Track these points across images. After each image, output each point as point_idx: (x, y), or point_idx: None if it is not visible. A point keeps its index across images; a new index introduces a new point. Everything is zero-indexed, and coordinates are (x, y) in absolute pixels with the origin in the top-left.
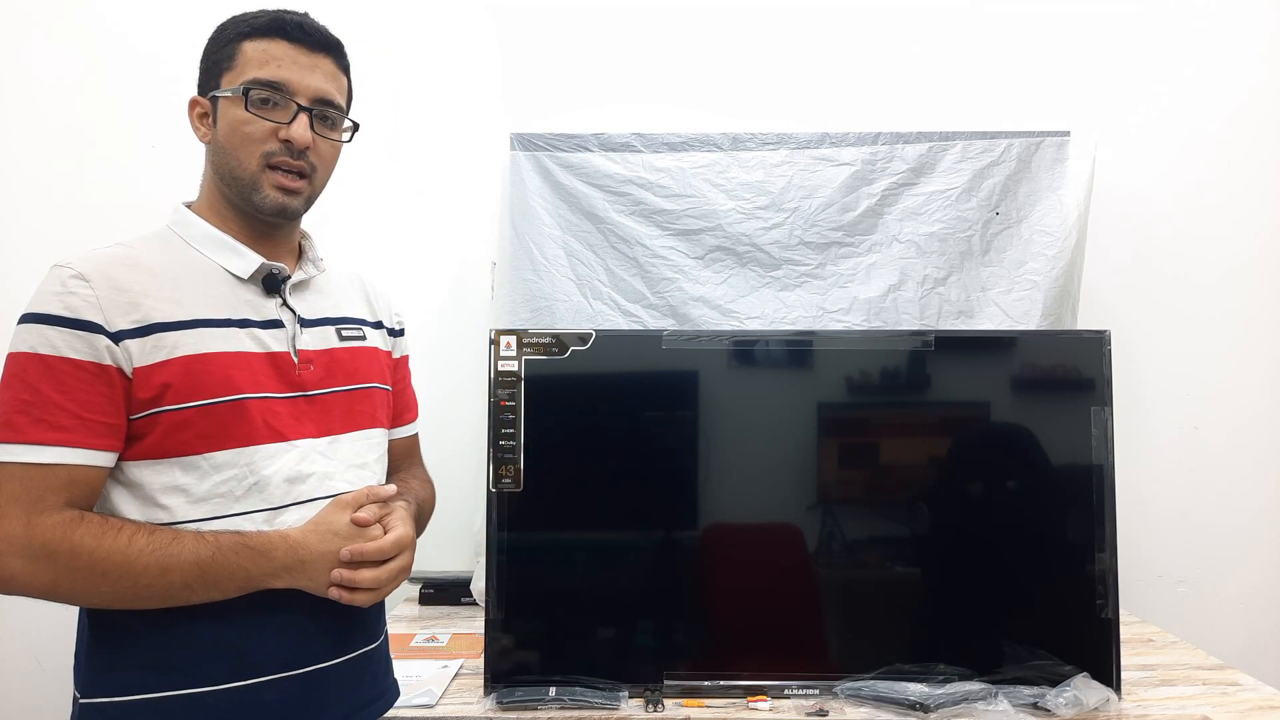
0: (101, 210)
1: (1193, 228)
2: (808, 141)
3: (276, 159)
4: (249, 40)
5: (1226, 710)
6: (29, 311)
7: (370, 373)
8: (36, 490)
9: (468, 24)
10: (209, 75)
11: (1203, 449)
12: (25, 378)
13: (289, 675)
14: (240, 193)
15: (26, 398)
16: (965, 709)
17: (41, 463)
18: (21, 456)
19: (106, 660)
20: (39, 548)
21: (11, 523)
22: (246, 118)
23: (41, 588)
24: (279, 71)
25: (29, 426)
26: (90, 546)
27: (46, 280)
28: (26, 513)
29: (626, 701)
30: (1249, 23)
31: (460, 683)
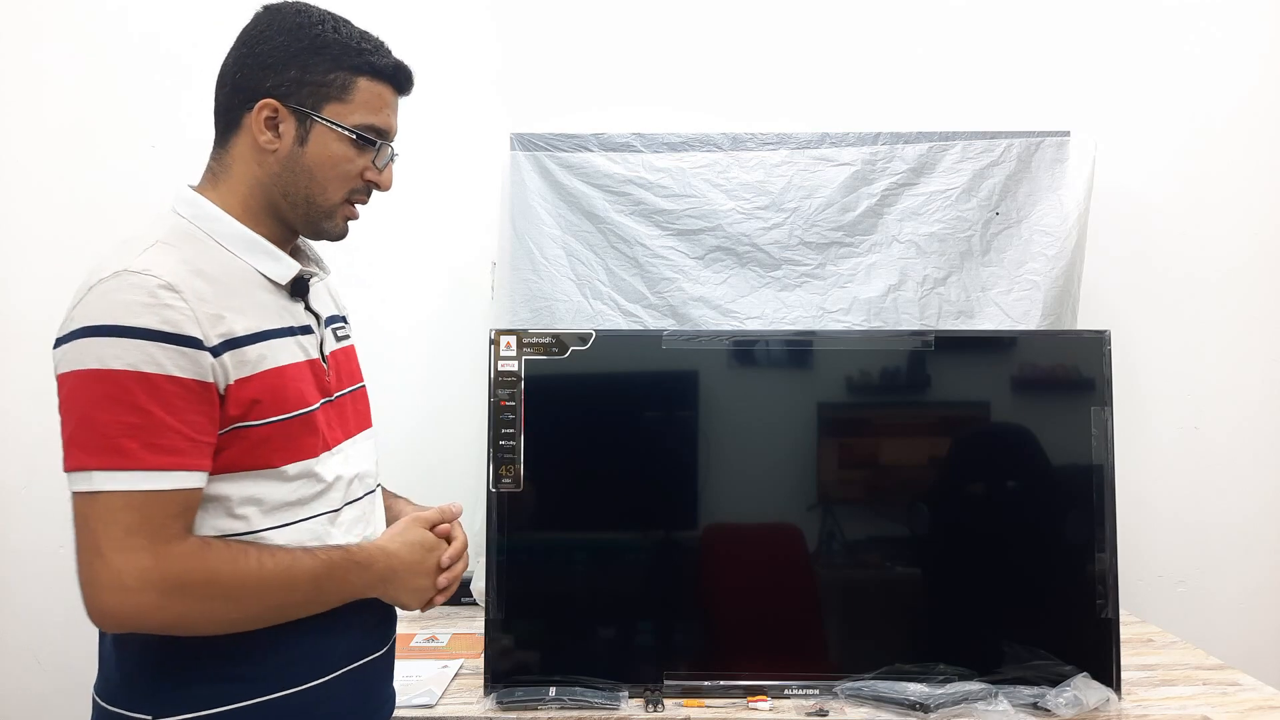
0: (102, 210)
1: (1193, 227)
2: (808, 141)
3: (357, 196)
4: (366, 78)
5: (1226, 710)
6: (115, 324)
7: (359, 371)
8: (157, 519)
9: (468, 24)
10: (304, 91)
11: (1203, 449)
12: (130, 398)
13: (351, 669)
14: (308, 216)
15: (134, 420)
16: (965, 709)
17: (162, 489)
18: (137, 484)
19: (180, 678)
20: (173, 580)
21: (138, 556)
22: (350, 156)
23: (169, 621)
24: (389, 120)
25: (141, 451)
26: (226, 573)
27: (120, 288)
28: (152, 543)
29: (626, 701)
30: (1249, 23)
31: (460, 683)
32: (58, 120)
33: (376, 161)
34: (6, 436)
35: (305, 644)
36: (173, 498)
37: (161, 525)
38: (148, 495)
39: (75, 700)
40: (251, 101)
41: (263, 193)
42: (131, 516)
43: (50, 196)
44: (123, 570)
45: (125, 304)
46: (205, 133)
